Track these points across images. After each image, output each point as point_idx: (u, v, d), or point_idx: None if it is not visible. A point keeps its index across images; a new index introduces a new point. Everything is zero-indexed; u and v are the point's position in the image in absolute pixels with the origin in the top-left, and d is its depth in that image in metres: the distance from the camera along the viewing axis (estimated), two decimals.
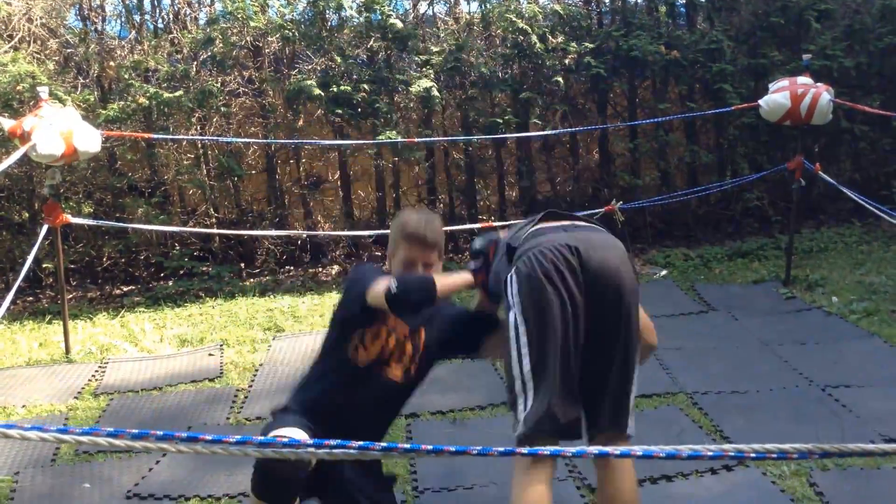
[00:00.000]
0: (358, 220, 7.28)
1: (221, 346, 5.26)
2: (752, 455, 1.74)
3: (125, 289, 6.84)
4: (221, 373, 4.82)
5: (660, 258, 6.82)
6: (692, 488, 3.32)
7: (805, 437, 3.64)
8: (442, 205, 7.34)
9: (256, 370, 4.82)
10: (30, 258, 5.02)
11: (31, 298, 6.71)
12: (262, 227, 6.81)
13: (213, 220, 6.90)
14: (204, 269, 6.66)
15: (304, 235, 7.03)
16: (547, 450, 1.85)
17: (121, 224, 6.17)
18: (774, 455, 1.72)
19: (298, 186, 7.09)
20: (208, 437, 1.71)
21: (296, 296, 6.31)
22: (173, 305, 6.23)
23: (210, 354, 5.11)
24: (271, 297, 6.34)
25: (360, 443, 1.66)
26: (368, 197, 7.41)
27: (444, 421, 4.06)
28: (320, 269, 7.10)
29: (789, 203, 5.95)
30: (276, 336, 5.39)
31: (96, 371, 4.94)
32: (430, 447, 1.88)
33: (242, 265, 6.96)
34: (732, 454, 1.77)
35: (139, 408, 4.41)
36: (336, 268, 7.11)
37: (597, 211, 5.80)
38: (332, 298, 6.18)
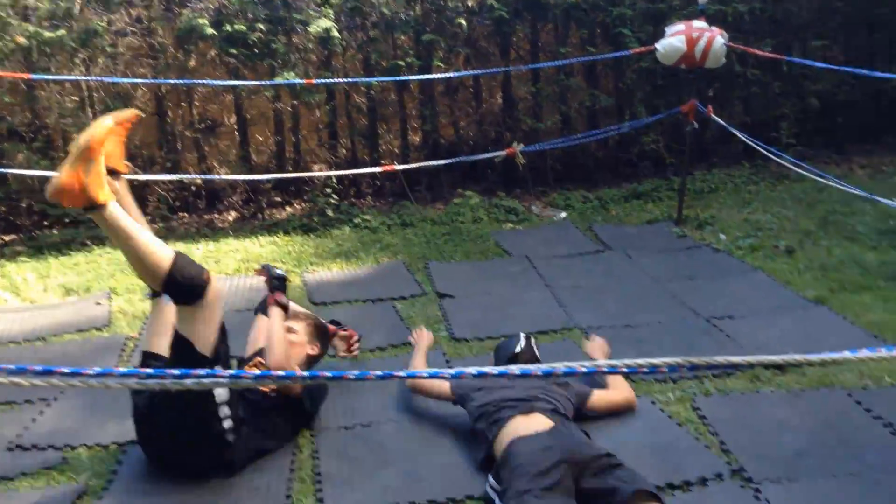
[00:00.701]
0: (256, 165, 7.10)
1: (109, 294, 5.07)
2: (625, 369, 1.76)
3: (6, 238, 6.51)
4: (110, 322, 4.66)
5: (560, 200, 6.90)
6: None
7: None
8: (343, 149, 7.21)
9: (147, 318, 4.66)
10: None
11: None
12: (153, 172, 6.56)
13: None
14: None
15: (199, 180, 6.81)
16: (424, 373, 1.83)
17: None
18: (646, 369, 1.76)
19: (192, 130, 6.84)
20: (65, 370, 1.63)
21: (189, 242, 6.13)
22: (58, 254, 5.96)
23: (97, 303, 4.92)
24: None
25: (258, 372, 1.61)
26: (267, 141, 7.22)
27: (344, 363, 4.02)
28: (216, 216, 6.91)
29: (684, 146, 6.08)
30: None
31: None
32: (329, 374, 1.85)
33: None
34: (606, 370, 1.80)
35: (22, 358, 4.21)
36: (233, 214, 6.93)
37: (499, 153, 5.81)
38: (228, 245, 6.04)
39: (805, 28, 7.70)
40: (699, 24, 5.52)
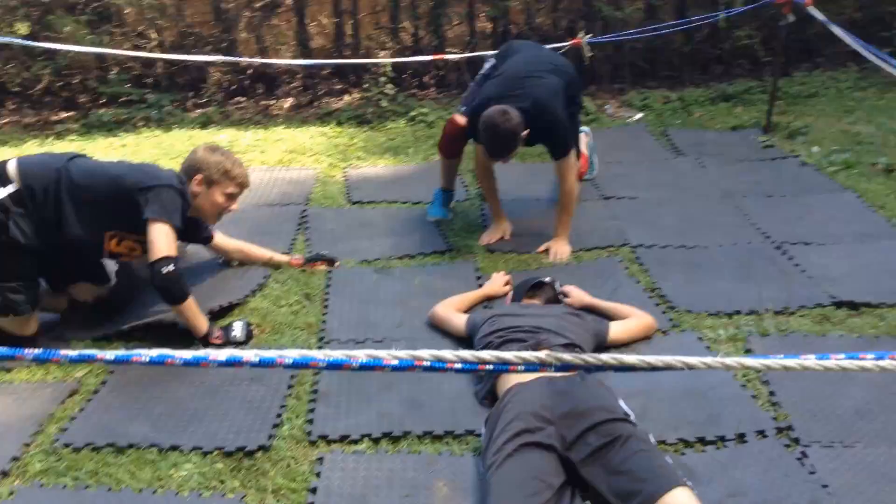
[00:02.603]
0: (314, 50, 6.71)
1: None
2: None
3: (63, 115, 6.40)
4: None
5: (637, 100, 6.31)
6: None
7: (745, 297, 3.33)
8: (406, 35, 6.74)
9: None
10: None
11: None
12: (206, 53, 6.26)
13: (155, 43, 6.36)
14: (145, 96, 6.19)
15: (258, 63, 6.48)
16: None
17: (45, 45, 5.61)
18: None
19: (249, 9, 6.48)
20: None
21: (240, 129, 5.87)
22: (107, 134, 5.81)
23: None
24: (214, 129, 5.90)
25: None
26: (325, 24, 6.79)
27: (369, 269, 3.74)
28: (272, 102, 6.61)
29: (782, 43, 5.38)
30: None
31: None
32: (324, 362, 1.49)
33: (190, 94, 6.49)
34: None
35: None
36: (290, 101, 6.62)
37: (563, 45, 5.25)
38: (278, 133, 5.76)
39: None
40: None
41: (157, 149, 5.42)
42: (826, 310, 3.25)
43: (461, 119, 3.94)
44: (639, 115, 6.06)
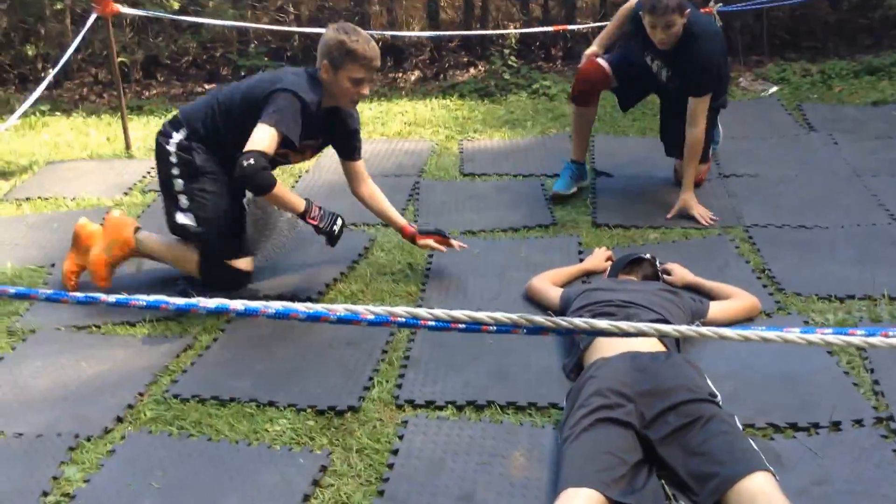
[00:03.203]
0: (444, 22, 6.79)
1: None
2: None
3: (207, 87, 6.78)
4: None
5: (774, 72, 6.02)
6: None
7: (860, 282, 3.15)
8: (535, 5, 6.70)
9: (300, 176, 4.67)
10: (73, 45, 4.97)
11: (115, 93, 6.77)
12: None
13: (292, 16, 6.62)
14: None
15: (388, 36, 6.63)
16: None
17: (191, 19, 5.96)
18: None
19: None
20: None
21: (364, 103, 6.03)
22: None
23: None
24: None
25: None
26: None
27: (474, 240, 3.79)
28: (400, 75, 6.75)
29: None
30: None
31: (151, 168, 4.93)
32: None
33: None
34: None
35: None
36: (416, 73, 6.73)
37: None
38: (400, 106, 5.88)
39: None
40: None
41: None
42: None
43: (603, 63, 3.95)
44: (774, 89, 5.79)
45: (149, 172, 4.86)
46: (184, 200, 3.27)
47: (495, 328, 1.35)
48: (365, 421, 2.63)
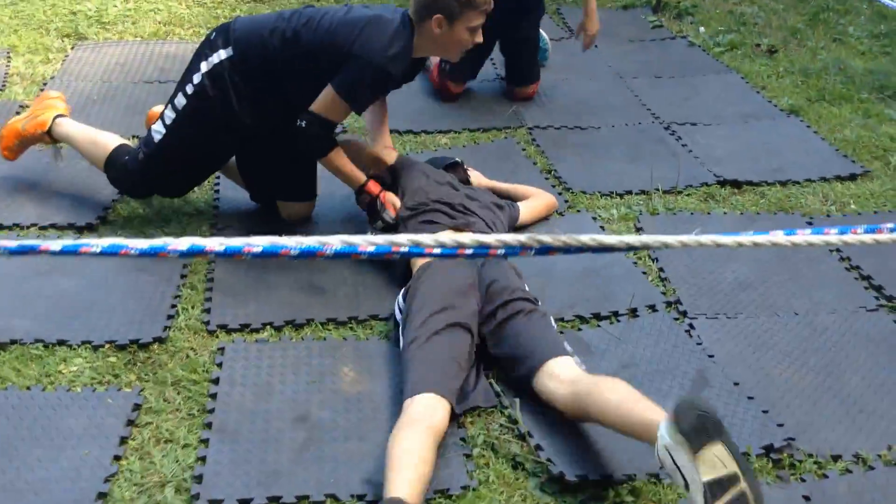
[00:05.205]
0: None
1: (9, 53, 4.48)
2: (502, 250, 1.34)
3: None
4: (4, 85, 4.12)
5: None
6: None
7: (638, 177, 3.41)
8: None
9: (45, 83, 4.14)
10: None
11: None
12: None
13: None
14: None
15: None
16: None
17: None
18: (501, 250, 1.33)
19: None
20: None
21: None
22: None
23: None
24: None
25: None
26: None
27: None
28: None
29: None
30: (75, 45, 4.62)
31: None
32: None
33: None
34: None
35: None
36: None
37: None
38: (151, 4, 5.35)
39: None
40: None
41: (17, 18, 4.95)
42: (711, 188, 3.38)
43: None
44: None
45: None
46: (169, 113, 2.93)
47: (503, 250, 1.28)
48: (175, 351, 2.46)
